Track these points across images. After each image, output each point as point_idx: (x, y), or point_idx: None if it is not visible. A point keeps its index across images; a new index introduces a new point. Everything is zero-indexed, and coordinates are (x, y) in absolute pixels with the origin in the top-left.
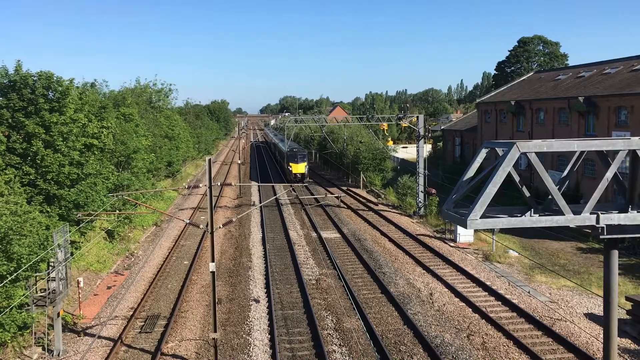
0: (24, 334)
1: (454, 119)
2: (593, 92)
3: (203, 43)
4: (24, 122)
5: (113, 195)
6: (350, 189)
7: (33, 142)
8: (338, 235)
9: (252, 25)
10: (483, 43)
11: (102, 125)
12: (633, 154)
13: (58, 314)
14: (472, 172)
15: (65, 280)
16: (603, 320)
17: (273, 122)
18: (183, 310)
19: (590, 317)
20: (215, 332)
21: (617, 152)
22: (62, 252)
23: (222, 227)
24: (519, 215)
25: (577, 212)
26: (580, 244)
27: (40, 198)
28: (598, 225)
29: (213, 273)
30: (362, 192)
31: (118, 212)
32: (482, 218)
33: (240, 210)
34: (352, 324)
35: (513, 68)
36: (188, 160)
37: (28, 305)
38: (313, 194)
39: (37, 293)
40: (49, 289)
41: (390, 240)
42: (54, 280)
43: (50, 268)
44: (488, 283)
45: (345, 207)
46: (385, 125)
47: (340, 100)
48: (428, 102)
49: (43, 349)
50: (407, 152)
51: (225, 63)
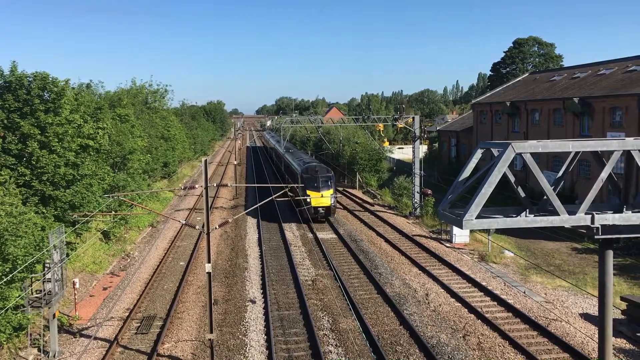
0: (20, 336)
1: (450, 120)
2: (588, 93)
3: (199, 44)
4: (20, 123)
5: (109, 196)
6: (346, 190)
7: (28, 143)
8: (334, 236)
9: (248, 27)
10: (478, 44)
11: (97, 126)
12: (628, 155)
13: (54, 315)
14: (467, 172)
15: (61, 282)
16: (598, 320)
17: (269, 122)
18: (179, 311)
19: (586, 317)
20: (212, 332)
21: (611, 152)
22: (57, 253)
23: (218, 227)
24: (515, 216)
25: (572, 212)
26: (576, 245)
27: (36, 199)
28: (593, 226)
29: (209, 274)
30: (358, 192)
31: (114, 213)
32: (477, 218)
33: (237, 211)
34: (348, 325)
35: (508, 69)
36: (184, 161)
37: (24, 307)
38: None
39: (32, 294)
40: (45, 290)
41: (386, 241)
42: (50, 282)
43: (46, 269)
44: (484, 283)
45: (341, 207)
46: (381, 126)
47: (336, 101)
48: (424, 102)
49: (39, 351)
50: (403, 152)
51: (221, 64)
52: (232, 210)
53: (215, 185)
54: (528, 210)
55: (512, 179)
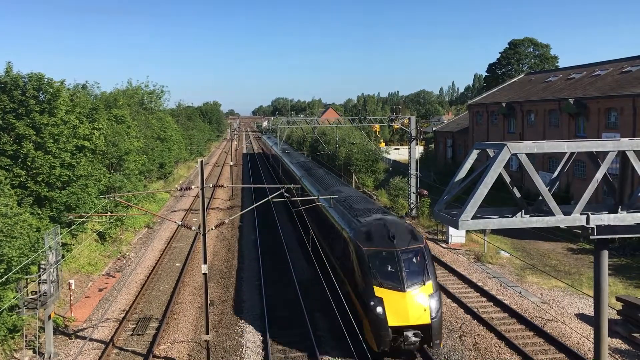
0: (15, 337)
1: (446, 121)
2: (583, 93)
3: (195, 45)
4: (15, 123)
5: (105, 197)
6: None
7: (24, 143)
8: None
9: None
10: (474, 45)
11: (93, 127)
12: (623, 155)
13: (49, 317)
14: (463, 173)
15: (57, 283)
16: (594, 321)
17: (265, 123)
18: (175, 312)
19: (581, 317)
20: (208, 334)
21: (606, 153)
22: (53, 254)
23: (214, 228)
24: (510, 216)
25: (567, 212)
26: (571, 245)
27: (31, 200)
28: (588, 226)
29: (205, 275)
30: None
31: (110, 214)
32: (473, 219)
33: (233, 212)
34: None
35: (504, 70)
36: (180, 162)
37: (19, 308)
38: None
39: (27, 295)
40: (40, 292)
41: None
42: (45, 283)
43: (41, 270)
44: (480, 284)
45: None
46: (378, 127)
47: (333, 102)
48: (420, 103)
49: (34, 352)
50: (399, 153)
51: (217, 65)
52: (228, 211)
53: (212, 186)
54: (524, 211)
55: (507, 180)
